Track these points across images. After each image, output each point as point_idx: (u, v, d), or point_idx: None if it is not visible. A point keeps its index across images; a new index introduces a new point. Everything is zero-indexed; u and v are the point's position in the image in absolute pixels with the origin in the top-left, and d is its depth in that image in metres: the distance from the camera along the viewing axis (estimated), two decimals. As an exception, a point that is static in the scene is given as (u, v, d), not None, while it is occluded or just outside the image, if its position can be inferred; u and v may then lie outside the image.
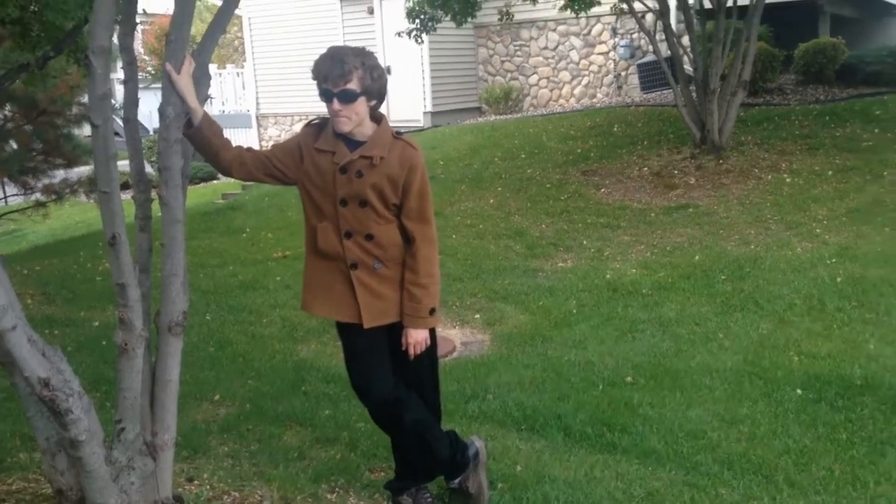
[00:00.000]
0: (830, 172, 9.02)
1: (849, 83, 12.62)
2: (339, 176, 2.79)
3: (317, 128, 2.87)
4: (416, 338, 2.89)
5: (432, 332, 2.98)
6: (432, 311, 2.89)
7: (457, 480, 3.14)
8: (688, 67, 10.98)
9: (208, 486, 3.10)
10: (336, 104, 2.71)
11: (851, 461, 3.56)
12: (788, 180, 9.02)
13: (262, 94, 17.91)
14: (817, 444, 3.74)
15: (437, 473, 3.14)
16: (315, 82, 2.75)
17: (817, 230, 7.48)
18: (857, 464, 3.53)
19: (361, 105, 2.74)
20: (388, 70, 15.66)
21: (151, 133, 19.75)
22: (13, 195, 10.88)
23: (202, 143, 2.69)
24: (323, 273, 2.91)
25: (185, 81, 2.53)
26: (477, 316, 6.18)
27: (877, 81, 12.37)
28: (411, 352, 2.90)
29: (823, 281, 6.08)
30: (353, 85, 2.69)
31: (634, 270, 7.01)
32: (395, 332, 2.92)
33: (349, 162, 2.77)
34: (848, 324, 5.30)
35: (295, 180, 2.88)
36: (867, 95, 11.94)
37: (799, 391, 4.32)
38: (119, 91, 2.48)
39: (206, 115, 2.67)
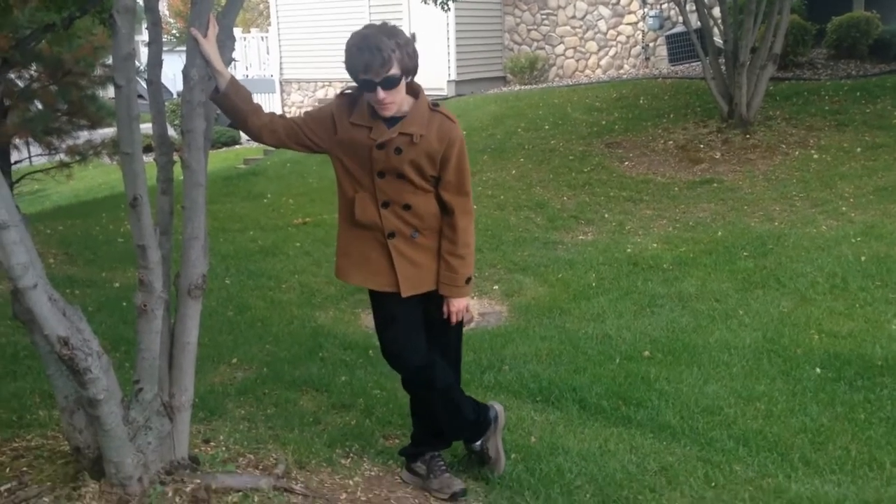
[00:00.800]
0: (859, 149, 8.87)
1: (882, 58, 12.36)
2: (377, 151, 2.74)
3: (350, 99, 2.81)
4: (458, 306, 2.94)
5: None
6: (468, 281, 2.91)
7: (478, 442, 3.15)
8: (717, 39, 10.79)
9: (224, 448, 3.13)
10: (381, 93, 2.64)
11: (869, 441, 3.53)
12: (816, 157, 8.88)
13: (286, 60, 17.85)
14: (835, 424, 3.71)
15: (463, 435, 3.15)
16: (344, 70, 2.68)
17: (843, 208, 7.37)
18: (875, 444, 3.50)
19: (402, 86, 2.70)
20: (413, 37, 15.49)
21: (175, 96, 19.77)
22: (37, 155, 10.98)
23: (230, 108, 2.68)
24: (359, 242, 2.88)
25: (210, 45, 2.51)
26: (495, 287, 6.18)
27: (911, 57, 12.11)
28: (454, 319, 2.95)
29: (847, 259, 6.00)
30: (394, 70, 2.62)
31: (656, 245, 6.96)
32: (427, 299, 2.92)
33: (388, 140, 2.72)
34: (871, 303, 5.23)
35: (327, 150, 2.84)
36: (900, 71, 11.69)
37: (818, 370, 4.28)
38: (143, 52, 2.46)
39: (233, 79, 2.64)
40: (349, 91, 2.83)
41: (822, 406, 3.89)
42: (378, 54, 2.59)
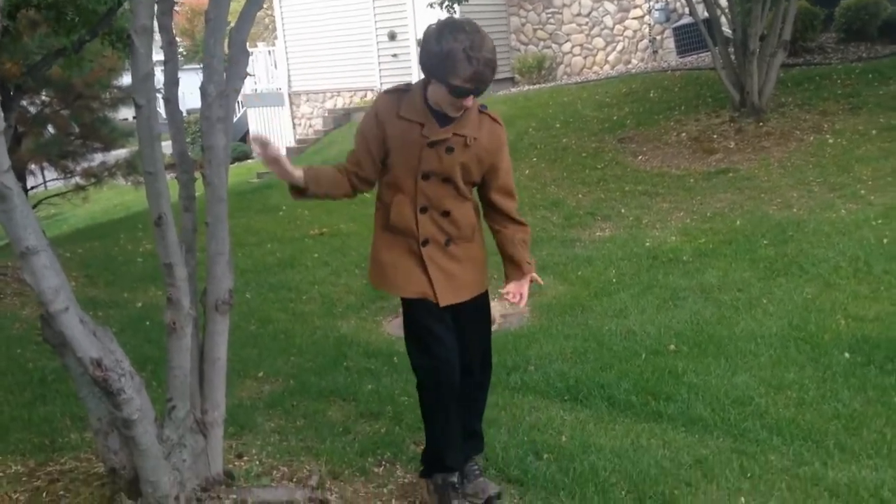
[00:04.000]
0: (874, 132, 8.79)
1: (893, 40, 12.24)
2: (427, 150, 2.68)
3: (396, 94, 2.74)
4: (525, 288, 2.92)
5: (487, 296, 2.97)
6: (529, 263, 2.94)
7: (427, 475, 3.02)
8: (726, 29, 10.73)
9: (258, 462, 3.14)
10: (470, 101, 2.63)
11: (903, 425, 3.50)
12: (831, 141, 8.81)
13: (293, 72, 17.93)
14: (867, 408, 3.68)
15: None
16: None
17: (862, 191, 7.30)
18: (910, 428, 3.47)
19: None
20: (420, 44, 15.56)
21: (185, 114, 19.89)
22: (52, 180, 11.08)
23: (320, 197, 2.75)
24: (392, 249, 2.82)
25: (278, 165, 2.59)
26: (516, 287, 6.16)
27: (922, 37, 11.99)
28: (524, 303, 2.92)
29: (869, 242, 5.94)
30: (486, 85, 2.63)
31: (674, 238, 6.92)
32: (456, 307, 2.85)
33: (440, 139, 2.68)
34: (895, 285, 5.19)
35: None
36: (912, 51, 11.58)
37: (847, 355, 4.24)
38: (157, 72, 2.48)
39: (307, 174, 2.66)
40: (395, 89, 2.77)
41: (853, 391, 3.86)
42: (493, 68, 2.56)
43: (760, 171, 8.45)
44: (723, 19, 10.53)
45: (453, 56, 2.52)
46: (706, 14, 10.68)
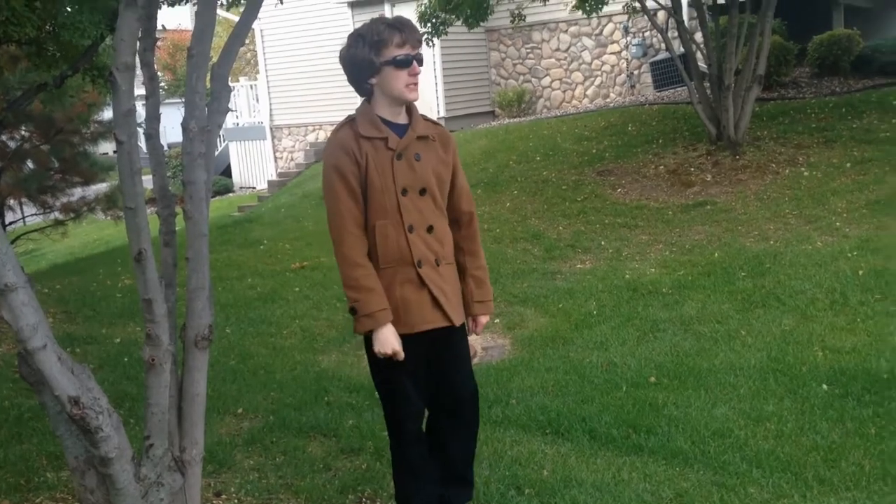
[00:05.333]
0: (849, 164, 8.94)
1: (865, 74, 12.52)
2: (397, 163, 2.67)
3: (346, 125, 2.73)
4: (487, 319, 2.96)
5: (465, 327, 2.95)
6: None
7: None
8: (701, 64, 10.93)
9: (236, 500, 3.11)
10: (417, 67, 2.66)
11: (881, 456, 3.52)
12: (806, 174, 8.95)
13: (275, 106, 18.00)
14: (846, 440, 3.70)
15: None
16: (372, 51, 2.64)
17: (837, 223, 7.41)
18: (888, 458, 3.49)
19: None
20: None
21: (167, 148, 19.90)
22: (31, 215, 11.01)
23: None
24: (391, 285, 2.70)
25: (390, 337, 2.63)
26: (497, 320, 6.18)
27: (893, 71, 12.25)
28: (479, 332, 2.96)
29: (845, 274, 6.02)
30: (421, 49, 2.68)
31: (654, 270, 6.98)
32: (431, 343, 2.80)
33: (405, 146, 2.69)
34: (872, 317, 5.24)
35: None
36: (883, 86, 11.83)
37: (825, 386, 4.28)
38: (138, 107, 2.49)
39: (384, 303, 2.65)
40: (343, 123, 2.75)
41: (831, 423, 3.88)
42: (414, 26, 2.63)
43: (737, 203, 8.56)
44: (698, 54, 10.73)
45: (375, 32, 2.61)
46: (682, 49, 10.89)
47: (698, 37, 11.25)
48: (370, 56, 2.63)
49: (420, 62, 2.67)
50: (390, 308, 2.67)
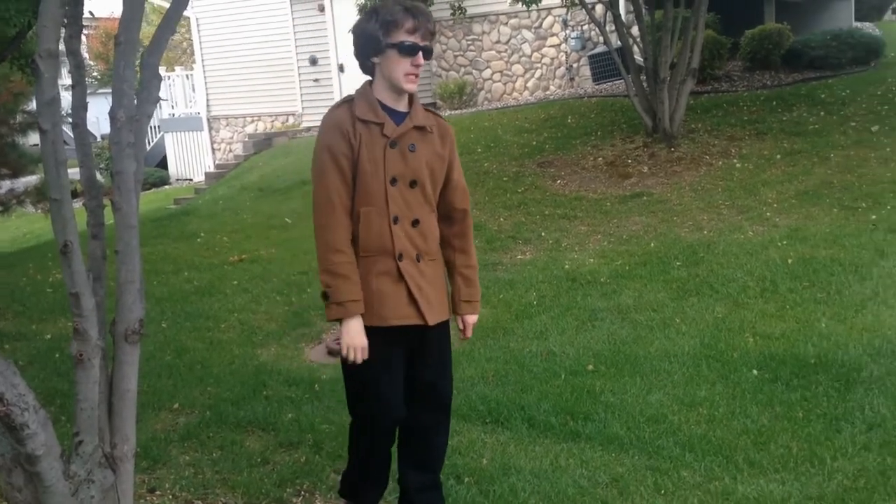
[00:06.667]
0: (779, 156, 9.20)
1: (795, 68, 12.89)
2: (390, 151, 2.60)
3: (345, 104, 2.65)
4: (475, 320, 2.90)
5: (448, 324, 2.87)
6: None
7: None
8: (638, 57, 11.10)
9: (171, 496, 3.06)
10: (422, 58, 2.60)
11: (808, 438, 3.64)
12: (738, 165, 9.18)
13: (212, 96, 17.69)
14: (775, 423, 3.82)
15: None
16: (373, 36, 2.58)
17: (768, 213, 7.62)
18: (814, 441, 3.61)
19: None
20: (342, 68, 15.58)
21: (99, 139, 19.41)
22: (-42, 208, 10.60)
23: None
24: (372, 275, 2.64)
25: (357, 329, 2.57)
26: (438, 311, 6.18)
27: (822, 65, 12.65)
28: (469, 334, 2.90)
29: (775, 263, 6.20)
30: (431, 43, 2.63)
31: (592, 260, 7.07)
32: (410, 340, 2.74)
33: (400, 135, 2.62)
34: (800, 304, 5.41)
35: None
36: (812, 80, 12.20)
37: (755, 372, 4.40)
38: (65, 96, 2.43)
39: (357, 291, 2.58)
40: (342, 101, 2.69)
41: (761, 407, 4.00)
42: (431, 20, 2.58)
43: (673, 194, 8.73)
44: (635, 48, 10.88)
45: (389, 12, 2.54)
46: (619, 43, 11.03)
47: (635, 31, 11.41)
48: (378, 34, 2.57)
49: (427, 54, 2.61)
50: (364, 298, 2.61)
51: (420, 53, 2.59)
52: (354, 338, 2.57)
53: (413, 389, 2.79)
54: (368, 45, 2.60)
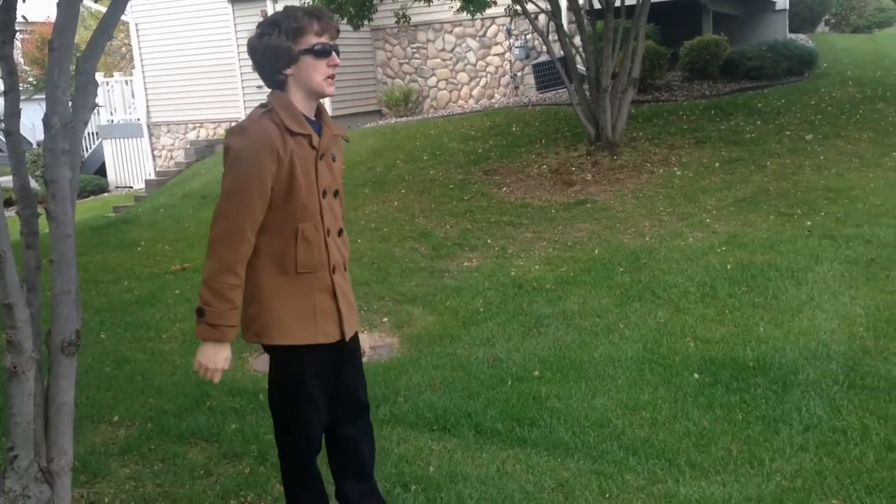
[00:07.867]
0: (717, 164, 9.42)
1: (732, 78, 13.24)
2: (320, 164, 2.53)
3: (266, 115, 2.49)
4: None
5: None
6: None
7: None
8: (580, 67, 11.26)
9: (111, 511, 2.99)
10: (336, 58, 2.51)
11: (748, 440, 3.72)
12: (679, 173, 9.37)
13: (152, 102, 17.38)
14: (715, 426, 3.89)
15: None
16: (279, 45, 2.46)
17: (707, 220, 7.79)
18: (753, 442, 3.69)
19: None
20: (284, 75, 15.42)
21: (35, 146, 18.90)
22: None
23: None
24: (298, 296, 2.54)
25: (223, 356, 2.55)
26: (385, 319, 6.17)
27: (758, 76, 13.03)
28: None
29: (715, 268, 6.33)
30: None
31: (538, 267, 7.14)
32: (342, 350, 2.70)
33: (327, 147, 2.56)
34: (739, 308, 5.54)
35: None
36: (749, 89, 12.55)
37: (696, 375, 4.49)
38: (-1, 102, 2.37)
39: (234, 324, 2.52)
40: (261, 112, 2.50)
41: (702, 410, 4.08)
42: (332, 16, 2.52)
43: (615, 202, 8.87)
44: (577, 58, 11.04)
45: (292, 19, 2.46)
46: (562, 53, 11.18)
47: (577, 41, 11.58)
48: (287, 44, 2.45)
49: (338, 53, 2.54)
50: (307, 315, 2.54)
51: (334, 53, 2.52)
52: (217, 361, 2.54)
53: (335, 400, 2.77)
54: (278, 58, 2.47)
